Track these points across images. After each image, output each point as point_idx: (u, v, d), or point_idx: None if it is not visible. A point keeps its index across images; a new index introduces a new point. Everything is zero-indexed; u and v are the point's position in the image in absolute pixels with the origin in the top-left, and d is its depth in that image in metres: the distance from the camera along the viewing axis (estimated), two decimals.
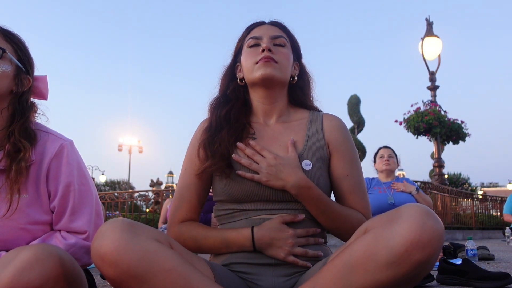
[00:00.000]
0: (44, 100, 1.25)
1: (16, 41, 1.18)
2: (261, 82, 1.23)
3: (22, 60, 1.18)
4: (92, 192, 1.19)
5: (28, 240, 1.11)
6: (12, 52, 1.15)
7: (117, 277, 0.89)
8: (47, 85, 1.25)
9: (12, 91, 1.15)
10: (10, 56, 1.14)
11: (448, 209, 9.75)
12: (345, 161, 1.23)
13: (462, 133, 10.86)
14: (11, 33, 1.18)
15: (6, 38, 1.16)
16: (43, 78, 1.24)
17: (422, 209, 0.88)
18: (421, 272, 0.88)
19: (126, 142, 30.95)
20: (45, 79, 1.25)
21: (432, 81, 11.32)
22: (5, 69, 1.12)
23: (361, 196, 1.23)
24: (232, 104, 1.28)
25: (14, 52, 1.16)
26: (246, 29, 1.33)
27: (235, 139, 1.21)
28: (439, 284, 2.17)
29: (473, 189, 22.52)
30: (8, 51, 1.14)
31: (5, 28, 1.17)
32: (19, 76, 1.16)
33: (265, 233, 1.11)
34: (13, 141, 1.10)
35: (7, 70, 1.13)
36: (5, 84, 1.13)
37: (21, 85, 1.16)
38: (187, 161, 1.29)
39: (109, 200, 9.67)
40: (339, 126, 1.27)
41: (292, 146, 1.20)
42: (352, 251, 0.92)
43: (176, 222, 1.25)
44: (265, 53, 1.22)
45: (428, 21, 11.52)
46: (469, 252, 3.20)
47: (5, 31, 1.17)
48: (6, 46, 1.14)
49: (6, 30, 1.17)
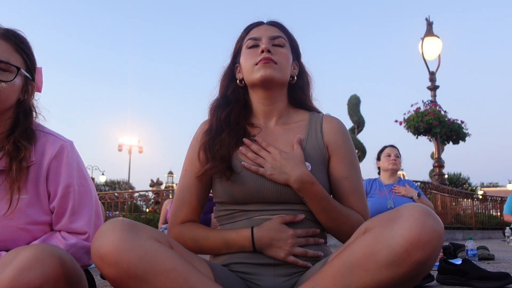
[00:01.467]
0: (38, 92, 1.23)
1: (25, 49, 1.16)
2: (261, 84, 1.23)
3: (30, 69, 1.17)
4: (92, 193, 1.19)
5: (28, 240, 1.11)
6: (22, 64, 1.15)
7: (117, 277, 0.89)
8: (42, 77, 1.24)
9: (19, 99, 1.16)
10: (23, 72, 1.14)
11: (448, 209, 9.75)
12: (344, 163, 1.23)
13: (462, 133, 10.86)
14: (20, 39, 1.16)
15: (17, 47, 1.14)
16: (38, 69, 1.23)
17: (422, 209, 0.89)
18: (421, 272, 0.88)
19: (126, 142, 30.96)
20: (39, 71, 1.23)
21: (432, 81, 11.33)
22: (15, 83, 1.12)
23: (359, 197, 1.23)
24: (232, 106, 1.28)
25: (24, 63, 1.15)
26: (244, 30, 1.33)
27: (235, 141, 1.22)
28: (439, 284, 2.17)
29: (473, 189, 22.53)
30: (18, 64, 1.13)
31: (13, 32, 1.15)
32: (26, 86, 1.16)
33: (265, 233, 1.11)
34: (12, 141, 1.10)
35: (17, 83, 1.13)
36: (14, 97, 1.13)
37: (28, 93, 1.17)
38: (188, 162, 1.29)
39: (109, 200, 9.67)
40: (338, 128, 1.27)
41: (297, 144, 1.21)
42: (352, 251, 0.92)
43: (177, 223, 1.25)
44: (264, 54, 1.22)
45: (428, 21, 11.53)
46: (469, 252, 3.20)
47: (16, 39, 1.14)
48: (17, 59, 1.13)
49: (15, 36, 1.15)
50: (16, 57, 1.13)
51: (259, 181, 1.16)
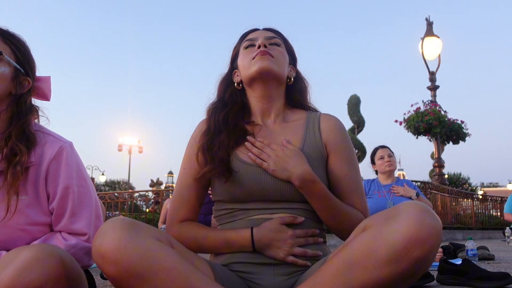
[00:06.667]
0: (47, 101, 1.24)
1: (15, 42, 1.16)
2: (259, 76, 1.23)
3: (21, 62, 1.16)
4: (92, 194, 1.19)
5: (27, 240, 1.11)
6: (11, 54, 1.14)
7: (118, 275, 0.90)
8: (50, 86, 1.24)
9: (11, 93, 1.14)
10: (8, 58, 1.13)
11: (448, 209, 9.76)
12: (343, 161, 1.24)
13: (462, 133, 10.87)
14: (10, 34, 1.17)
15: (4, 39, 1.14)
16: (46, 78, 1.23)
17: (420, 206, 0.89)
18: (419, 269, 0.89)
19: (126, 142, 30.98)
20: (48, 79, 1.24)
21: (432, 81, 11.33)
22: (3, 72, 1.11)
23: (359, 195, 1.24)
24: (230, 107, 1.29)
25: (12, 54, 1.15)
26: (241, 37, 1.36)
27: (234, 142, 1.22)
28: (439, 284, 2.17)
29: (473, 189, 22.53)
30: (6, 53, 1.12)
31: (4, 29, 1.16)
32: (17, 78, 1.15)
33: (264, 234, 1.12)
34: (10, 144, 1.09)
35: (5, 73, 1.12)
36: (3, 87, 1.12)
37: (20, 87, 1.15)
38: (186, 161, 1.29)
39: (109, 200, 9.68)
40: (336, 126, 1.27)
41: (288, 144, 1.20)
42: (351, 249, 0.92)
43: (176, 222, 1.26)
44: (261, 48, 1.23)
45: (428, 21, 11.54)
46: (469, 252, 3.20)
47: (4, 31, 1.15)
48: (3, 48, 1.13)
49: (4, 31, 1.16)
50: (1, 46, 1.13)
51: (259, 178, 1.16)
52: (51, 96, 1.24)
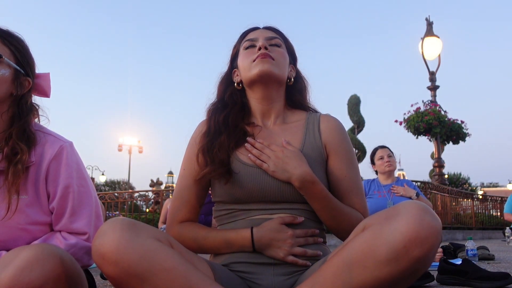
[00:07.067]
0: (47, 97, 1.24)
1: (14, 43, 1.16)
2: (259, 79, 1.23)
3: (21, 62, 1.16)
4: (91, 194, 1.19)
5: (27, 240, 1.11)
6: (10, 55, 1.14)
7: (117, 275, 0.90)
8: (50, 83, 1.23)
9: (12, 94, 1.14)
10: (8, 60, 1.12)
11: (448, 209, 9.76)
12: (343, 162, 1.24)
13: (462, 133, 10.87)
14: (9, 34, 1.16)
15: (4, 40, 1.14)
16: (46, 75, 1.23)
17: (420, 206, 0.89)
18: (419, 269, 0.89)
19: (126, 142, 30.99)
20: (47, 76, 1.23)
21: (432, 81, 11.34)
22: (3, 74, 1.11)
23: (359, 196, 1.24)
24: (230, 108, 1.29)
25: (12, 55, 1.14)
26: (241, 35, 1.35)
27: (234, 144, 1.22)
28: (439, 284, 2.17)
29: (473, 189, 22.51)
30: (5, 55, 1.12)
31: (3, 29, 1.16)
32: (18, 79, 1.15)
33: (264, 234, 1.12)
34: (11, 144, 1.09)
35: (5, 75, 1.12)
36: (3, 89, 1.12)
37: (21, 88, 1.15)
38: (186, 162, 1.29)
39: (109, 200, 9.68)
40: (336, 127, 1.27)
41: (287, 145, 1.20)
42: (351, 249, 0.92)
43: (176, 222, 1.26)
44: (261, 50, 1.23)
45: (428, 21, 11.54)
46: (469, 252, 3.20)
47: (3, 32, 1.15)
48: (3, 49, 1.12)
49: (3, 31, 1.15)
50: (2, 48, 1.13)
51: (260, 179, 1.16)
52: (50, 92, 1.24)
